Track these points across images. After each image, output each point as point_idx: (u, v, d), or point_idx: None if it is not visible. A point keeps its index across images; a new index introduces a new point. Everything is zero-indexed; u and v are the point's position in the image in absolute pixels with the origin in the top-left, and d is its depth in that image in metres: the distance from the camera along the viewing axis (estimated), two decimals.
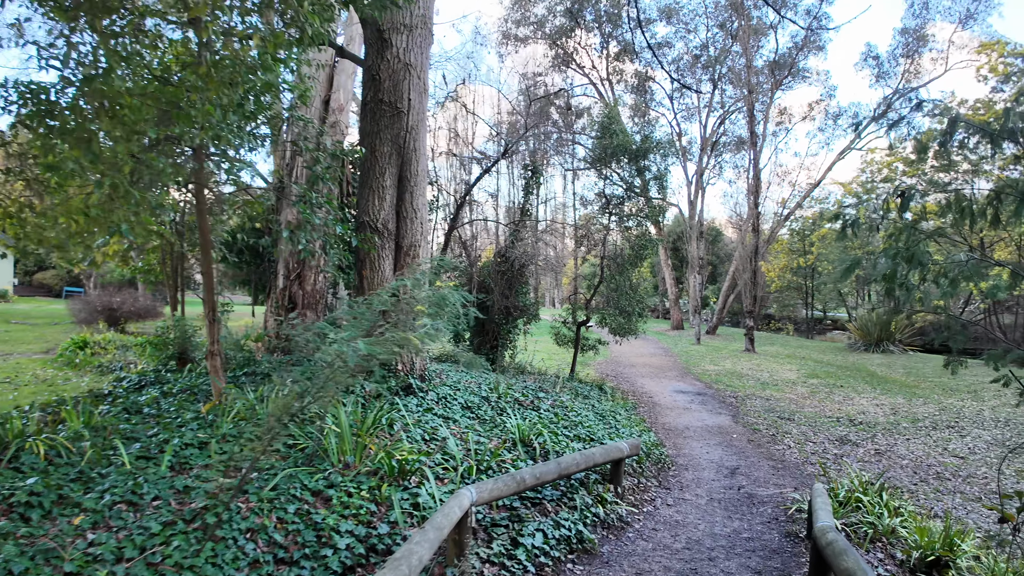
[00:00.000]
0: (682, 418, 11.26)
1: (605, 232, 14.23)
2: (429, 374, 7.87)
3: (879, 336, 22.88)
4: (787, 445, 9.45)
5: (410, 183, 8.08)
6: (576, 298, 14.90)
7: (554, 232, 20.71)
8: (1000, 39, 19.39)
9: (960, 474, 8.11)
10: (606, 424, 8.55)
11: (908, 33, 25.51)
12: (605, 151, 14.04)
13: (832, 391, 14.53)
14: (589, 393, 12.35)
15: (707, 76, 35.68)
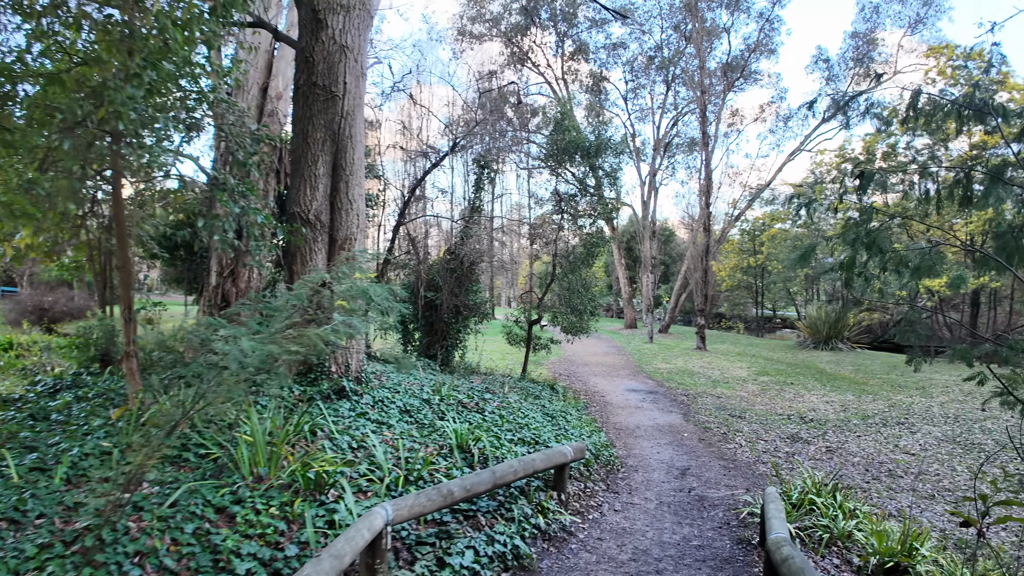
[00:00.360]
0: (633, 417, 11.03)
1: (558, 230, 13.94)
2: (367, 376, 7.37)
3: (828, 334, 23.32)
4: (738, 444, 9.30)
5: (345, 172, 7.57)
6: (528, 296, 14.56)
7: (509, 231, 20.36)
8: (949, 43, 19.96)
9: (912, 471, 8.07)
10: (555, 425, 8.20)
11: (858, 37, 26.17)
12: (558, 147, 13.76)
13: (782, 388, 14.59)
14: (540, 393, 12.02)
15: (661, 77, 35.99)
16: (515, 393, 10.94)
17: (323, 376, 6.88)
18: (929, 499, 7.09)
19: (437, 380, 8.80)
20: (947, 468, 8.17)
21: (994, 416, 10.98)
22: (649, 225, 32.03)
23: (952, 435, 9.82)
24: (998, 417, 10.89)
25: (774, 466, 7.32)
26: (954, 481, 7.67)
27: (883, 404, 12.60)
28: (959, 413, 11.38)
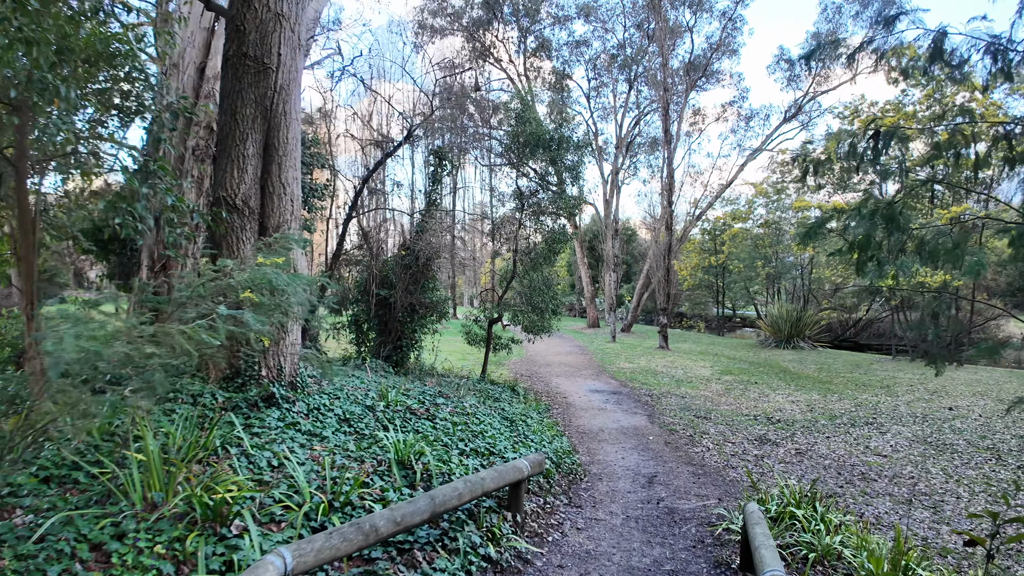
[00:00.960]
0: (597, 419, 10.51)
1: (518, 226, 13.33)
2: (303, 380, 6.62)
3: (790, 332, 23.34)
4: (706, 447, 8.85)
5: (278, 152, 6.81)
6: (487, 294, 13.91)
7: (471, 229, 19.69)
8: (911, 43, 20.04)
9: (885, 474, 7.72)
10: (513, 431, 7.58)
11: (820, 37, 26.30)
12: (518, 141, 13.17)
13: (747, 388, 14.30)
14: (500, 395, 11.42)
15: (623, 76, 35.82)
16: (472, 396, 10.30)
17: (251, 381, 6.12)
18: (906, 504, 6.71)
19: (385, 384, 8.10)
20: (921, 470, 7.85)
21: (964, 415, 10.83)
22: (612, 224, 31.75)
23: (922, 435, 9.57)
24: (967, 416, 10.74)
25: (748, 475, 6.84)
26: (930, 484, 7.33)
27: (849, 403, 12.38)
28: (927, 412, 11.19)
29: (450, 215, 14.10)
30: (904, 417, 10.87)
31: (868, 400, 12.69)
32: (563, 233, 12.97)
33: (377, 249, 13.52)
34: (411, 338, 12.66)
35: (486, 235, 14.37)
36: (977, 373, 16.96)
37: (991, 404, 11.83)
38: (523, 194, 13.45)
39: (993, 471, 7.72)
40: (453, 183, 31.32)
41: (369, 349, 13.08)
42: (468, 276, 37.21)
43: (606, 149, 37.24)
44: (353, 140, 13.06)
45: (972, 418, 10.65)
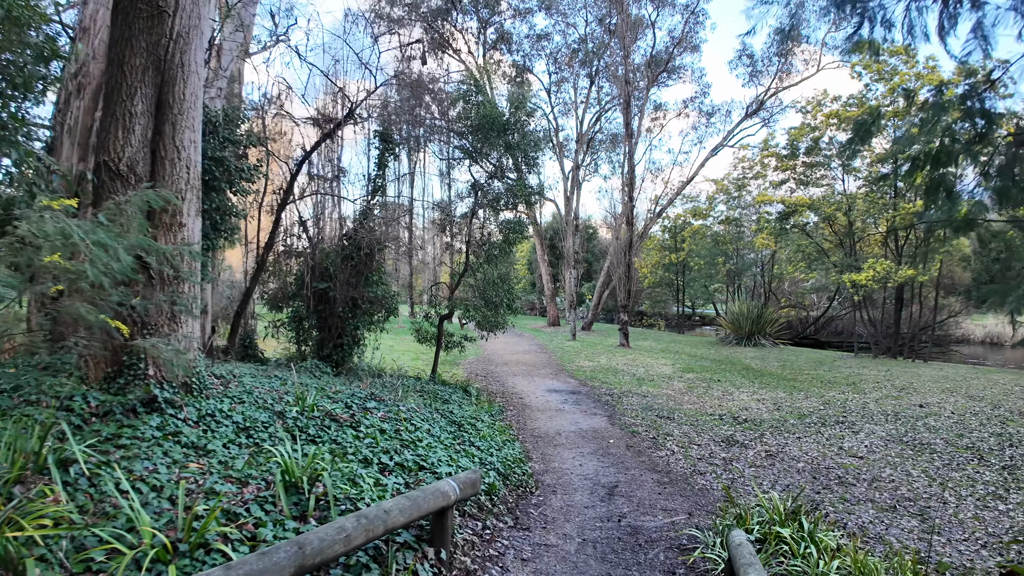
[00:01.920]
0: (554, 421, 9.69)
1: (471, 215, 12.42)
2: (201, 380, 5.57)
3: (750, 330, 23.01)
4: (670, 450, 8.11)
5: (172, 111, 5.74)
6: (438, 288, 12.96)
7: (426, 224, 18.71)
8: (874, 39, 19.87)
9: (864, 477, 7.09)
10: (458, 438, 6.68)
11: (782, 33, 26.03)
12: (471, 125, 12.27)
13: (710, 386, 13.70)
14: (450, 397, 10.52)
15: (585, 72, 35.26)
16: (416, 398, 9.36)
17: (135, 380, 5.06)
18: (890, 511, 6.06)
19: (313, 385, 7.10)
20: (901, 473, 7.25)
21: (936, 413, 10.38)
22: (572, 221, 31.11)
23: (897, 434, 9.03)
24: (940, 414, 10.30)
25: (726, 490, 6.06)
26: (913, 488, 6.72)
27: (817, 401, 11.86)
28: (897, 410, 10.72)
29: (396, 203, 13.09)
30: (875, 415, 10.36)
31: (836, 398, 12.21)
32: (520, 224, 12.13)
33: (317, 238, 12.44)
34: (353, 336, 11.61)
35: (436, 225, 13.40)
36: (943, 369, 16.80)
37: (962, 401, 11.46)
38: (478, 183, 12.55)
39: (977, 472, 7.17)
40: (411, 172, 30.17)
41: (312, 348, 12.02)
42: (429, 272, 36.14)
43: (567, 146, 36.66)
44: (288, 118, 11.93)
45: (945, 415, 10.21)
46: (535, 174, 12.35)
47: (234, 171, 10.69)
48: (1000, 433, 8.81)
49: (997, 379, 14.36)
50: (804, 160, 21.85)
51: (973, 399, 11.75)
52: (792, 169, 22.23)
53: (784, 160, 22.29)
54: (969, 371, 16.67)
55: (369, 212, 12.05)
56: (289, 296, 12.35)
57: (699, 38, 29.32)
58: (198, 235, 6.03)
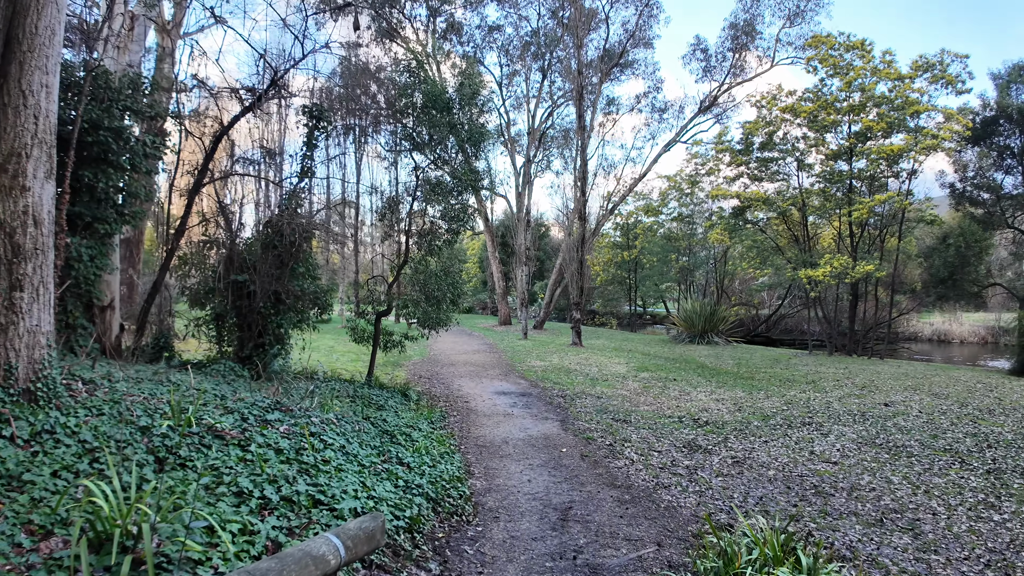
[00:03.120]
0: (501, 428, 8.71)
1: (411, 200, 11.33)
2: (51, 384, 4.36)
3: (703, 327, 22.61)
4: (629, 459, 7.25)
5: (22, 47, 4.52)
6: (376, 282, 11.80)
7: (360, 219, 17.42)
8: (830, 34, 19.74)
9: (841, 486, 6.37)
10: (382, 455, 5.61)
11: (737, 28, 25.90)
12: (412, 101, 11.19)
13: (666, 385, 12.99)
14: (386, 402, 9.44)
15: (537, 65, 34.47)
16: (347, 405, 8.26)
17: None
18: (878, 526, 5.32)
19: (205, 393, 5.90)
20: (881, 480, 6.58)
21: (903, 412, 9.88)
22: (524, 216, 30.22)
23: (868, 436, 8.43)
24: (907, 413, 9.80)
25: (707, 518, 5.16)
26: (897, 498, 6.03)
27: (778, 401, 11.26)
28: (863, 410, 10.19)
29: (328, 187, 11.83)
30: (842, 416, 9.78)
31: (798, 397, 11.65)
32: (465, 211, 11.09)
33: (238, 225, 11.12)
34: (276, 334, 10.36)
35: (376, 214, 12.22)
36: (901, 367, 16.62)
37: (927, 399, 11.07)
38: (419, 166, 11.47)
39: (962, 478, 6.55)
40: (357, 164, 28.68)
41: (232, 346, 10.72)
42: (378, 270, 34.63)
43: (519, 141, 35.80)
44: (202, 88, 10.57)
45: (913, 415, 9.73)
46: (483, 159, 11.34)
47: (136, 145, 9.29)
48: (975, 433, 8.31)
49: (958, 376, 14.17)
50: (758, 156, 21.57)
51: (938, 397, 11.39)
52: (746, 164, 21.93)
53: (738, 155, 21.96)
54: (928, 368, 16.56)
55: (295, 196, 10.81)
56: (209, 291, 11.01)
57: (653, 32, 28.91)
58: (49, 204, 4.77)
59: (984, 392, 11.89)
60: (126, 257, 15.04)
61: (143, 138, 9.32)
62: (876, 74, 18.58)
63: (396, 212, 11.70)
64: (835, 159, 19.92)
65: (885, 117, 18.27)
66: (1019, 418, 9.38)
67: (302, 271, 10.48)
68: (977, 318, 34.26)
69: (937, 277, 19.67)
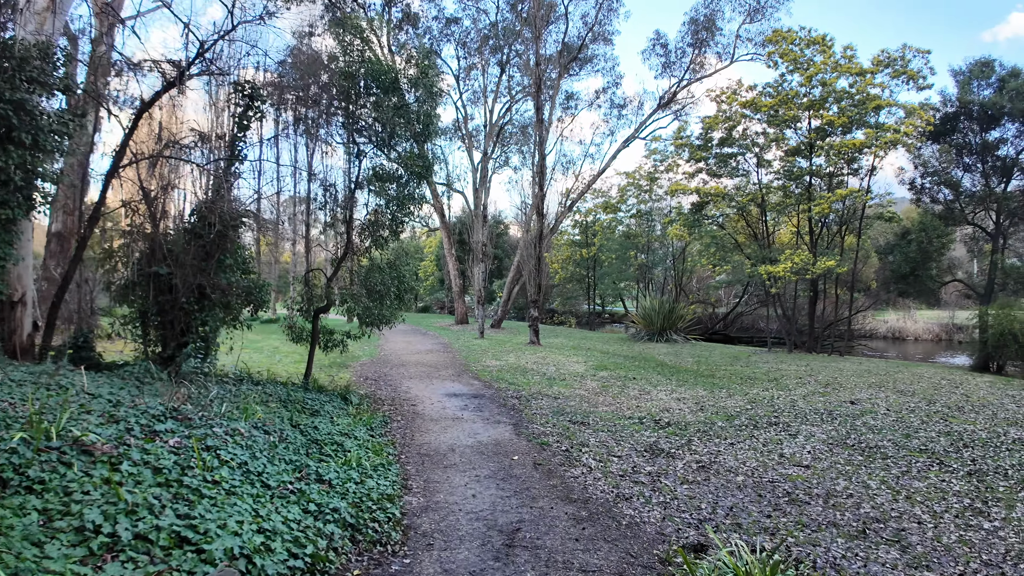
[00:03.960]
0: (449, 433, 7.96)
1: (353, 187, 10.45)
2: None
3: (662, 325, 22.27)
4: (587, 466, 6.60)
5: None
6: (314, 276, 10.86)
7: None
8: (791, 29, 19.56)
9: (816, 492, 5.84)
10: (299, 471, 4.79)
11: (698, 24, 25.64)
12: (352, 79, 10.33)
13: (625, 384, 12.43)
14: (322, 407, 8.60)
15: (496, 59, 33.77)
16: (276, 410, 7.40)
17: None
18: (861, 538, 4.79)
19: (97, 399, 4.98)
20: (858, 485, 6.08)
21: (871, 411, 9.52)
22: (481, 212, 29.46)
23: (838, 436, 7.98)
24: (875, 411, 9.44)
25: (682, 555, 4.48)
26: (877, 505, 5.52)
27: (741, 400, 10.81)
28: (829, 408, 9.80)
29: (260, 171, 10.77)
30: (808, 415, 9.36)
31: (761, 396, 11.23)
32: (412, 197, 10.28)
33: (161, 213, 10.06)
34: (200, 333, 9.37)
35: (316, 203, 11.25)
36: (863, 364, 16.48)
37: (893, 396, 10.77)
38: (362, 151, 10.61)
39: (943, 481, 6.10)
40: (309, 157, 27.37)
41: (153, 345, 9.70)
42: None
43: (476, 136, 35.00)
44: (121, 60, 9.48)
45: (881, 413, 9.37)
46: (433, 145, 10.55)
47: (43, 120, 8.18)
48: (948, 432, 7.95)
49: (920, 372, 14.05)
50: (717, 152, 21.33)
51: (904, 394, 11.12)
52: (705, 160, 21.66)
53: (697, 151, 21.66)
54: (889, 365, 16.47)
55: (224, 181, 9.82)
56: (130, 285, 9.94)
57: (612, 27, 28.56)
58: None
59: (950, 389, 11.70)
60: (57, 252, 13.72)
61: (51, 113, 8.23)
62: (837, 69, 18.47)
63: (337, 201, 10.80)
64: (795, 155, 19.79)
65: (846, 112, 18.17)
66: (990, 415, 9.11)
67: (230, 263, 9.51)
68: (931, 315, 35.02)
69: (898, 273, 19.74)
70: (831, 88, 18.59)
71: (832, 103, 18.65)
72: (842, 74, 18.51)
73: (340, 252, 10.48)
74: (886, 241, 24.04)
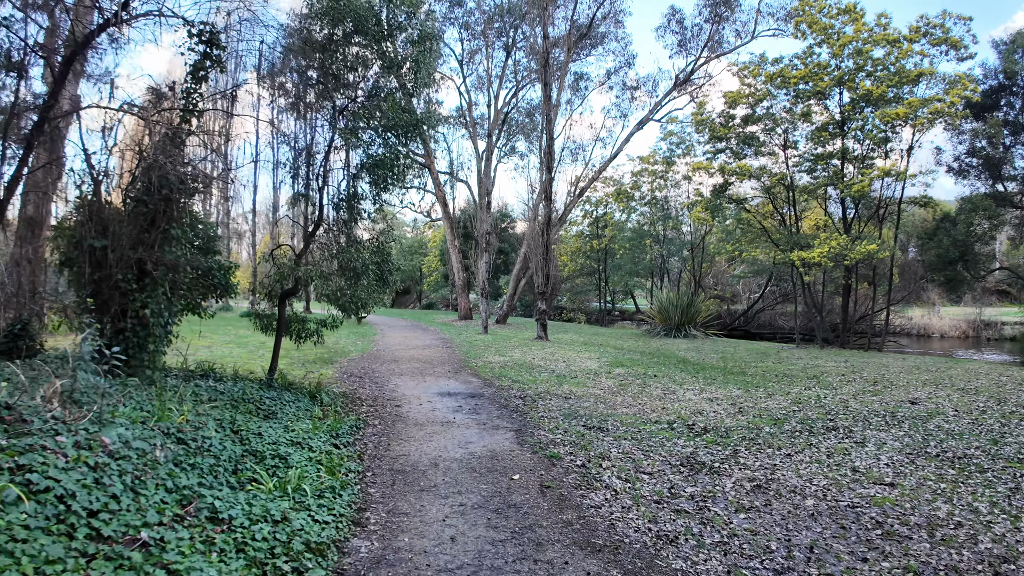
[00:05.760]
0: (434, 442, 6.37)
1: (327, 148, 8.87)
2: None
3: (680, 320, 20.57)
4: (610, 488, 5.00)
5: None
6: (281, 254, 9.26)
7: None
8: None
9: (914, 521, 4.28)
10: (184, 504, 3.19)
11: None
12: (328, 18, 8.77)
13: (646, 383, 10.79)
14: (282, 408, 7.08)
15: (500, 43, 32.17)
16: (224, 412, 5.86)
17: None
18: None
19: None
20: (963, 508, 4.48)
21: (939, 412, 7.89)
22: (485, 197, 27.81)
23: (916, 444, 6.35)
24: (943, 413, 7.79)
25: None
26: (997, 536, 3.94)
27: (784, 400, 9.15)
28: (890, 409, 8.18)
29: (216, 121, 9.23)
30: (868, 417, 7.71)
31: (805, 395, 9.56)
32: (397, 160, 8.66)
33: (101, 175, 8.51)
34: (141, 318, 7.78)
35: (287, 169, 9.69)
36: (906, 360, 14.78)
37: (956, 395, 9.12)
38: (339, 109, 9.03)
39: None
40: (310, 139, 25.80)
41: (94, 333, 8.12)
42: None
43: (481, 124, 33.35)
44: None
45: (951, 415, 7.74)
46: (420, 79, 8.93)
47: None
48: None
49: (974, 368, 12.37)
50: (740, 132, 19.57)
51: (967, 392, 9.45)
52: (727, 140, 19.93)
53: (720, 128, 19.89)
54: (937, 361, 14.78)
55: (175, 138, 8.25)
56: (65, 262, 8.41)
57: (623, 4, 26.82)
58: None
59: (1015, 387, 10.04)
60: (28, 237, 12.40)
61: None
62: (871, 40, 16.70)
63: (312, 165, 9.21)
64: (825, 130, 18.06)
65: (886, 81, 16.43)
66: None
67: (177, 234, 7.92)
68: (956, 312, 33.27)
69: (945, 259, 17.93)
70: (867, 56, 16.83)
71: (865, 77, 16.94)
72: (876, 44, 16.76)
73: (313, 225, 8.89)
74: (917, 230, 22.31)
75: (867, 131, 17.18)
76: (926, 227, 21.62)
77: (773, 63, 18.82)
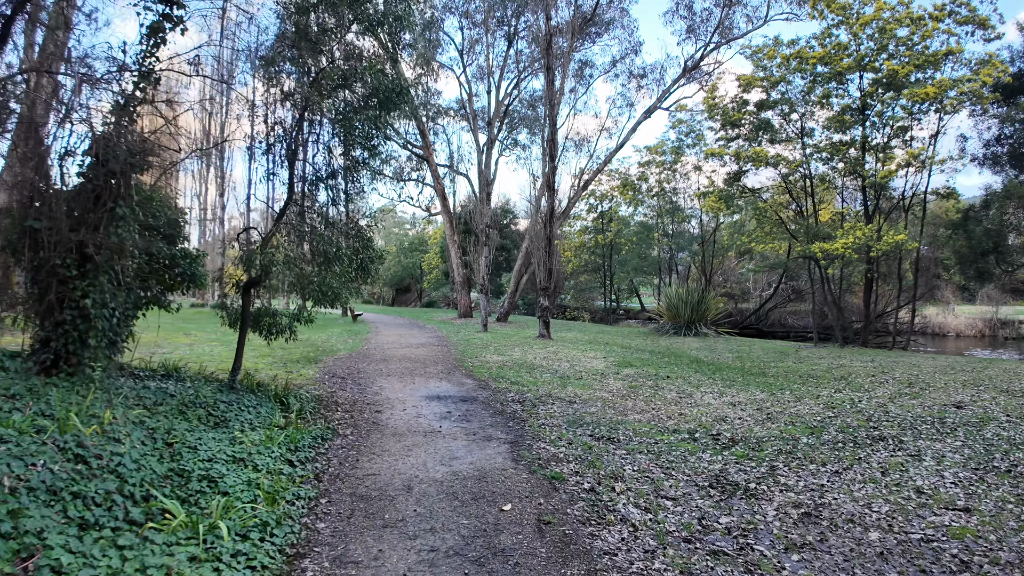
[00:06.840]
0: (413, 456, 5.34)
1: (299, 117, 7.82)
2: None
3: (690, 317, 19.49)
4: (627, 524, 3.99)
5: None
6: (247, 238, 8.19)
7: None
8: None
9: (1005, 559, 3.33)
10: (20, 553, 2.15)
11: None
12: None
13: (659, 385, 9.73)
14: (238, 413, 6.09)
15: (502, 32, 31.11)
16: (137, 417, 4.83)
17: None
18: None
19: None
20: None
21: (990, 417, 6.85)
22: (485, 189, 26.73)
23: (980, 457, 5.35)
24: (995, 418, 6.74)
25: None
26: None
27: (815, 405, 8.08)
28: (935, 415, 7.14)
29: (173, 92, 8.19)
30: (915, 425, 6.67)
31: (838, 399, 8.49)
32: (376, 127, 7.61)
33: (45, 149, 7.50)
34: (81, 310, 6.76)
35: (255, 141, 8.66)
36: (936, 359, 13.69)
37: (1003, 399, 8.09)
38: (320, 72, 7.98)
39: None
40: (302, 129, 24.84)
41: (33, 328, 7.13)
42: None
43: (482, 117, 32.27)
44: None
45: (1004, 420, 6.70)
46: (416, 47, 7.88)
47: None
48: None
49: (1013, 368, 11.30)
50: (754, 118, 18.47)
51: (1013, 395, 8.40)
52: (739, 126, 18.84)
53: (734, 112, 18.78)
54: (969, 361, 13.69)
55: (126, 107, 7.23)
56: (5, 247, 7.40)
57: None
58: None
59: None
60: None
61: None
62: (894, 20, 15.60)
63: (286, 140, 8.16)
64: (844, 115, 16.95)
65: (912, 60, 15.34)
66: None
67: (124, 214, 6.89)
68: (971, 311, 32.20)
69: (977, 250, 16.77)
70: (891, 35, 15.72)
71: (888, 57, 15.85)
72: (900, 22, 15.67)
73: (283, 205, 7.85)
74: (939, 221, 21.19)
75: (888, 118, 16.09)
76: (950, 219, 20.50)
77: (789, 44, 17.72)
